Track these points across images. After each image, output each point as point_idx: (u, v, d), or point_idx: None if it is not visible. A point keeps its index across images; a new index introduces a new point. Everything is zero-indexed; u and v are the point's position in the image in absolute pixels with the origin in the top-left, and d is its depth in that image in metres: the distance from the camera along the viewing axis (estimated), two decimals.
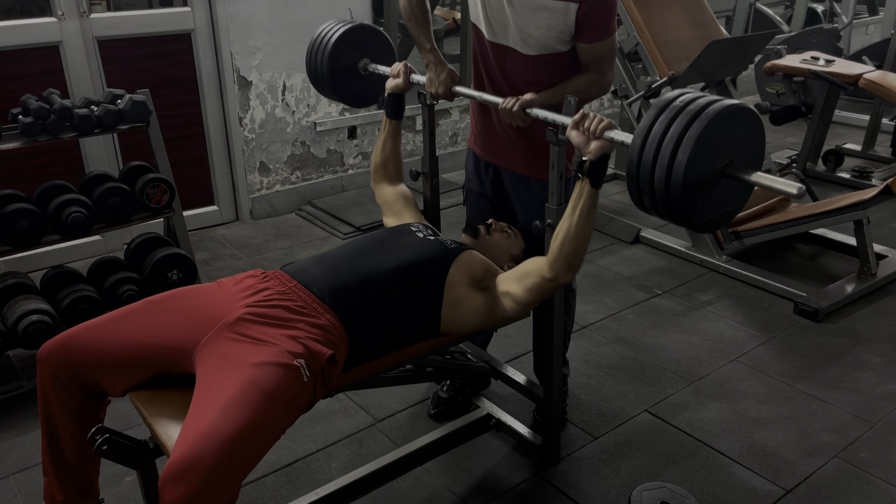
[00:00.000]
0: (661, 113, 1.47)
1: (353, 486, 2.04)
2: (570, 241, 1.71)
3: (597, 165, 1.65)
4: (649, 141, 1.46)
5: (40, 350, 1.64)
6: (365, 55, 2.34)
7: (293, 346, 1.57)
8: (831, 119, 4.47)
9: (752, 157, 1.52)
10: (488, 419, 2.33)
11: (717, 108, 1.42)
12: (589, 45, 1.94)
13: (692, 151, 1.39)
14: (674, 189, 1.42)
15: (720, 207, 1.54)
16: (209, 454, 1.34)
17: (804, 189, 1.38)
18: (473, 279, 1.85)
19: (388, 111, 2.22)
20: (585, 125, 1.65)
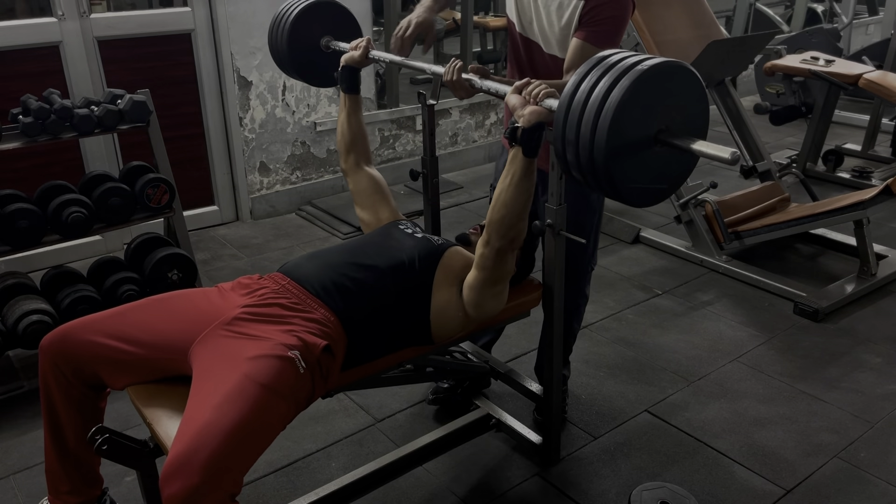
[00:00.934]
0: (591, 70, 1.36)
1: (353, 486, 2.04)
2: (500, 208, 1.68)
3: (529, 133, 1.56)
4: (575, 100, 1.34)
5: (42, 340, 1.67)
6: (328, 33, 2.26)
7: (287, 339, 1.58)
8: (831, 119, 4.47)
9: (692, 123, 1.39)
10: (488, 419, 2.33)
11: (649, 65, 1.30)
12: (579, 43, 1.89)
13: (619, 105, 1.27)
14: (597, 151, 1.30)
15: (654, 178, 1.42)
16: (207, 448, 1.35)
17: (738, 154, 1.28)
18: (455, 276, 1.84)
19: (343, 84, 2.10)
20: (528, 90, 1.58)
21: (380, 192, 2.15)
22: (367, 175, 2.16)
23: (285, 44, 2.23)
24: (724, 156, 1.28)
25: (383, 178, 2.20)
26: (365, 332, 1.75)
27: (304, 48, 2.24)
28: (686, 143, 1.33)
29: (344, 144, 2.17)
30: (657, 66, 1.32)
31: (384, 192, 2.16)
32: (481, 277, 1.78)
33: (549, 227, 1.85)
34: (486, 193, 4.38)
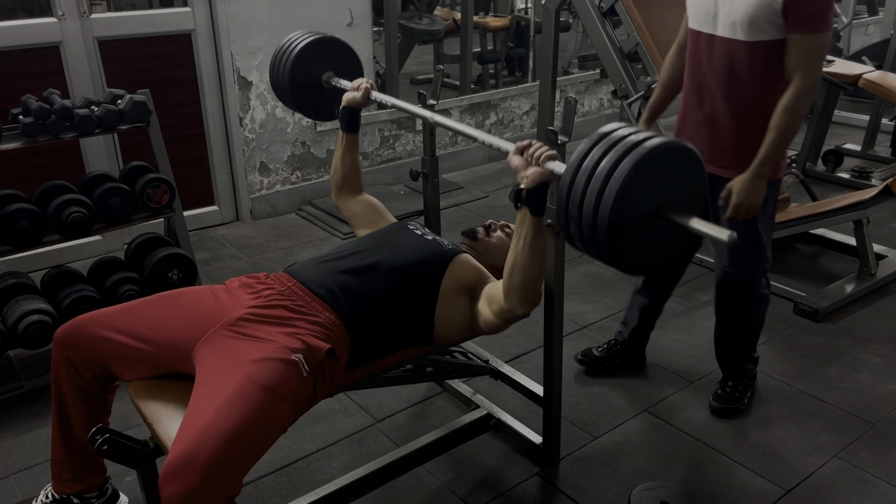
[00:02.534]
0: (596, 144, 1.39)
1: (353, 486, 2.04)
2: (518, 272, 1.66)
3: (534, 193, 1.58)
4: (580, 172, 1.37)
5: (56, 332, 1.72)
6: (330, 69, 2.29)
7: (291, 342, 1.59)
8: (831, 119, 4.47)
9: (690, 199, 1.43)
10: (488, 419, 2.33)
11: (653, 143, 1.33)
12: (798, 37, 1.93)
13: (623, 184, 1.30)
14: (601, 220, 1.33)
15: (652, 250, 1.44)
16: (207, 450, 1.35)
17: (734, 236, 1.30)
18: (466, 286, 1.85)
19: (343, 124, 2.16)
20: (529, 151, 1.59)
21: (373, 210, 2.19)
22: (357, 201, 2.21)
23: (287, 78, 2.26)
24: (722, 238, 1.31)
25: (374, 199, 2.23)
26: (369, 333, 1.75)
27: (305, 83, 2.27)
28: (685, 220, 1.36)
29: (336, 180, 2.21)
30: (661, 146, 1.34)
31: (378, 209, 2.19)
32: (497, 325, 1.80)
33: (549, 227, 1.84)
34: (485, 193, 4.38)
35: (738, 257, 2.25)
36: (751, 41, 2.00)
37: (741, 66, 2.04)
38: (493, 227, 2.12)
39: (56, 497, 1.85)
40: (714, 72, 2.10)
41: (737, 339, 2.42)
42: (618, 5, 3.40)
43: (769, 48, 1.99)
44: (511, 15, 5.62)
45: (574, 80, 5.36)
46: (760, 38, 1.98)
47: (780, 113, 1.99)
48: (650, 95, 3.32)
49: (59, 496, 1.85)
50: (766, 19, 1.94)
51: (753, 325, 2.40)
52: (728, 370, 2.46)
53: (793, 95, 1.97)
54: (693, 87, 2.20)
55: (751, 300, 2.33)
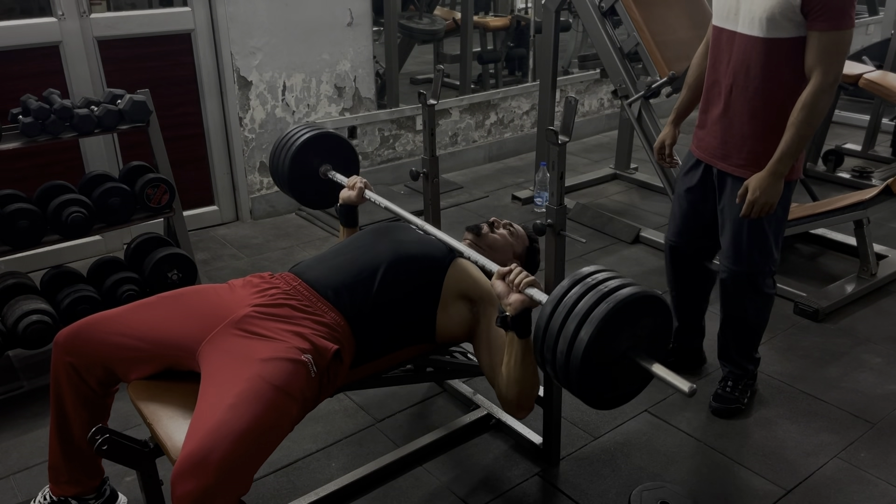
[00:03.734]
0: (575, 286, 1.47)
1: (353, 486, 2.04)
2: (513, 387, 1.70)
3: (519, 319, 1.64)
4: (557, 311, 1.45)
5: (56, 336, 1.72)
6: (328, 160, 2.36)
7: (300, 342, 1.60)
8: (831, 119, 4.47)
9: (654, 344, 1.51)
10: (488, 419, 2.33)
11: (626, 294, 1.42)
12: (818, 34, 1.93)
13: (595, 331, 1.39)
14: (573, 363, 1.42)
15: (619, 388, 1.53)
16: (221, 448, 1.36)
17: (695, 389, 1.38)
18: (464, 294, 1.85)
19: (342, 220, 2.25)
20: (510, 278, 1.64)
21: None
22: None
23: (287, 169, 2.32)
24: (683, 389, 1.38)
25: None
26: (373, 332, 1.76)
27: (303, 173, 2.34)
28: (648, 365, 1.44)
29: None
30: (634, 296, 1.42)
31: None
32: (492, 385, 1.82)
33: (550, 226, 1.85)
34: (485, 193, 4.38)
35: (743, 256, 2.25)
36: (769, 38, 2.00)
37: (759, 63, 2.05)
38: (497, 224, 2.14)
39: (54, 499, 1.85)
40: (732, 68, 2.11)
41: (739, 339, 2.42)
42: (618, 5, 3.40)
43: (787, 45, 1.99)
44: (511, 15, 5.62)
45: (574, 80, 5.36)
46: (779, 35, 1.99)
47: (798, 110, 1.99)
48: (650, 95, 3.34)
49: (56, 498, 1.85)
50: (785, 16, 1.95)
51: (756, 326, 2.40)
52: (729, 370, 2.46)
53: (812, 93, 1.97)
54: (712, 84, 2.21)
55: (755, 300, 2.33)
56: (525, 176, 4.68)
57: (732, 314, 2.38)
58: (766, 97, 2.08)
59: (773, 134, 2.06)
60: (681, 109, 2.44)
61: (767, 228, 2.21)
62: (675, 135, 2.46)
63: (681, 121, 2.46)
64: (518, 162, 4.99)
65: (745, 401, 2.43)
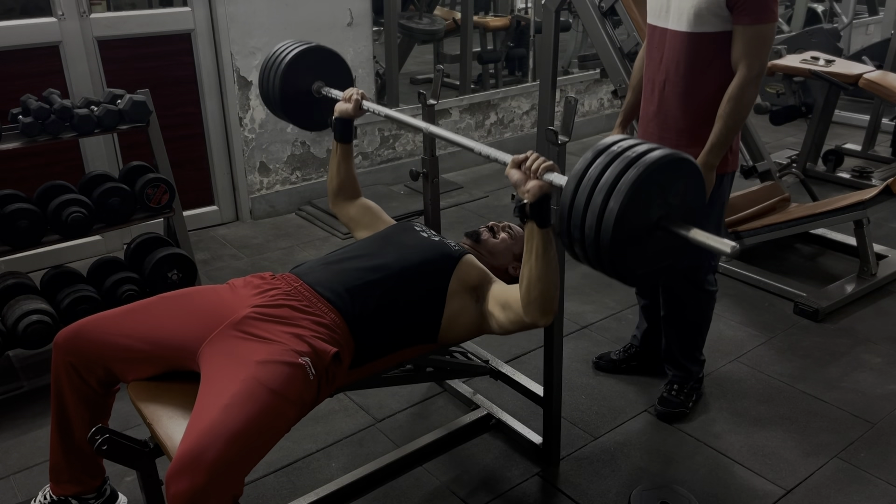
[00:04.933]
0: (598, 157, 1.38)
1: (353, 486, 2.04)
2: (535, 285, 1.63)
3: (538, 207, 1.56)
4: (583, 185, 1.36)
5: (56, 336, 1.72)
6: (320, 78, 2.28)
7: (298, 345, 1.59)
8: (831, 119, 4.47)
9: (689, 210, 1.43)
10: (488, 419, 2.33)
11: (655, 157, 1.33)
12: (742, 28, 1.96)
13: (625, 199, 1.30)
14: (604, 238, 1.33)
15: (653, 261, 1.44)
16: (214, 448, 1.36)
17: (738, 248, 1.30)
18: (471, 287, 1.84)
19: (337, 135, 2.16)
20: (527, 164, 1.57)
21: (370, 213, 2.19)
22: (354, 206, 2.21)
23: (277, 88, 2.25)
24: (724, 249, 1.30)
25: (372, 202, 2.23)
26: (373, 335, 1.76)
27: (295, 93, 2.25)
28: (685, 231, 1.36)
29: (332, 188, 2.22)
30: (663, 158, 1.34)
31: (374, 212, 2.20)
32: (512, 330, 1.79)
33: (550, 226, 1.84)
34: (485, 193, 4.38)
35: None
36: (696, 32, 2.03)
37: (687, 59, 2.07)
38: (496, 228, 2.12)
39: (54, 498, 1.85)
40: (665, 65, 2.14)
41: (682, 339, 2.40)
42: (618, 5, 3.40)
43: (715, 40, 2.02)
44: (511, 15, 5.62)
45: (574, 79, 5.36)
46: (706, 30, 2.02)
47: (725, 102, 2.02)
48: None
49: (57, 497, 1.85)
50: (711, 11, 1.98)
51: (699, 324, 2.39)
52: (673, 373, 2.45)
53: (738, 85, 2.00)
54: (647, 81, 2.23)
55: (695, 296, 2.31)
56: None
57: (673, 312, 2.37)
58: (696, 92, 2.10)
59: (704, 128, 2.08)
60: (627, 111, 2.44)
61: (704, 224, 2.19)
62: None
63: (628, 123, 2.46)
64: None
65: (689, 405, 2.41)
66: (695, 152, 2.09)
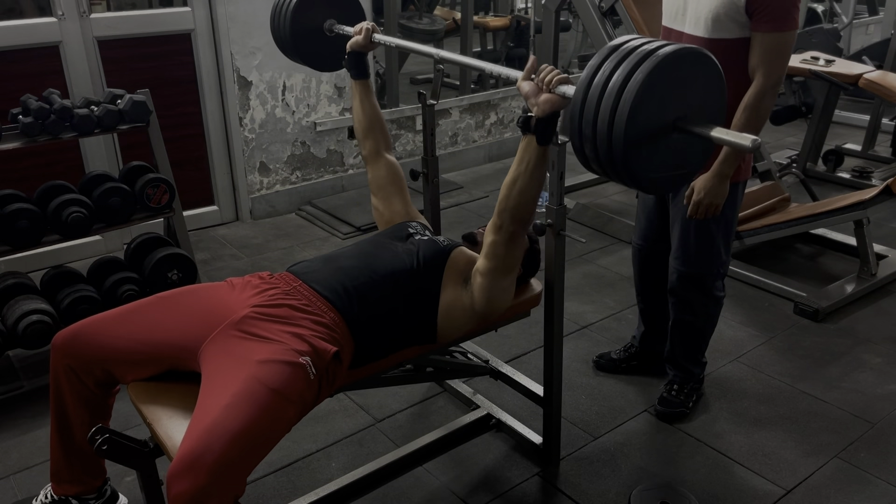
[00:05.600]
0: (612, 53, 1.31)
1: (353, 486, 2.04)
2: (514, 196, 1.64)
3: (545, 123, 1.52)
4: (594, 85, 1.30)
5: (54, 338, 1.71)
6: (331, 16, 2.25)
7: (298, 344, 1.59)
8: (831, 119, 4.47)
9: (710, 110, 1.35)
10: (488, 419, 2.33)
11: (669, 51, 1.26)
12: (761, 35, 1.92)
13: (637, 95, 1.23)
14: (616, 135, 1.26)
15: (670, 166, 1.37)
16: (215, 449, 1.36)
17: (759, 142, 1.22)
18: (459, 273, 1.84)
19: (351, 70, 2.13)
20: (540, 76, 1.51)
21: (395, 183, 2.15)
22: (385, 164, 2.16)
23: (288, 28, 2.22)
24: (745, 143, 1.23)
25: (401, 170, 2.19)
26: (372, 334, 1.76)
27: (307, 32, 2.23)
28: (706, 130, 1.28)
29: (361, 131, 2.16)
30: (677, 52, 1.27)
31: (400, 185, 2.15)
32: (492, 266, 1.76)
33: (549, 227, 1.84)
34: (485, 193, 4.38)
35: (691, 258, 2.23)
36: (713, 38, 1.99)
37: None
38: None
39: (55, 498, 1.85)
40: None
41: (686, 342, 2.40)
42: (618, 5, 3.40)
43: (732, 46, 1.98)
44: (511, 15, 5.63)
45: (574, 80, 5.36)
46: (723, 36, 1.98)
47: (741, 111, 1.99)
48: None
49: (58, 497, 1.85)
50: (730, 17, 1.94)
51: (704, 329, 2.38)
52: (675, 373, 2.44)
53: (754, 94, 1.97)
54: None
55: (703, 302, 2.31)
56: None
57: (681, 317, 2.36)
58: None
59: None
60: None
61: (715, 231, 2.18)
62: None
63: None
64: None
65: (690, 405, 2.41)
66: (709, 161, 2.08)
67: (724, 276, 2.31)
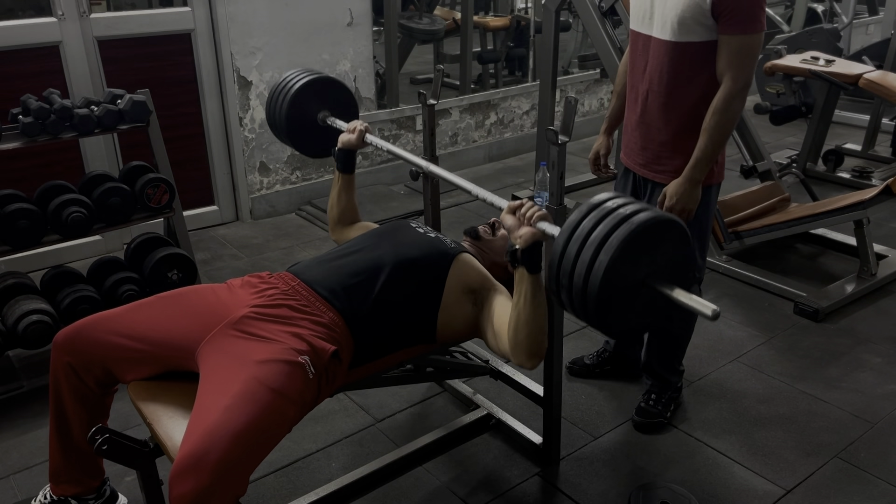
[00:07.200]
0: (591, 211, 1.44)
1: (353, 486, 2.04)
2: (522, 329, 1.65)
3: (529, 253, 1.60)
4: (574, 237, 1.42)
5: (56, 336, 1.72)
6: (326, 107, 2.32)
7: (297, 344, 1.59)
8: (831, 119, 4.47)
9: (674, 271, 1.47)
10: (488, 419, 2.33)
11: (645, 217, 1.38)
12: (728, 38, 1.90)
13: (615, 254, 1.35)
14: (591, 290, 1.38)
15: (636, 317, 1.48)
16: (217, 449, 1.36)
17: (718, 312, 1.32)
18: (469, 287, 1.84)
19: (339, 165, 2.18)
20: (521, 211, 1.61)
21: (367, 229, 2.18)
22: (353, 229, 2.22)
23: (284, 115, 2.28)
24: (706, 312, 1.33)
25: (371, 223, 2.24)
26: (372, 333, 1.76)
27: (301, 120, 2.29)
28: (669, 291, 1.40)
29: (333, 217, 2.24)
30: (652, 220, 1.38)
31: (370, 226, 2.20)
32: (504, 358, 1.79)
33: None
34: None
35: None
36: (680, 42, 1.96)
37: (671, 68, 2.00)
38: (497, 225, 2.12)
39: (54, 498, 1.85)
40: (648, 74, 2.07)
41: (662, 350, 2.37)
42: (618, 5, 3.40)
43: (699, 50, 1.95)
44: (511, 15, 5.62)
45: (574, 79, 5.36)
46: (690, 39, 1.95)
47: (710, 115, 1.96)
48: None
49: (57, 498, 1.85)
50: (696, 20, 1.91)
51: (680, 337, 2.36)
52: (652, 382, 2.42)
53: (723, 98, 1.94)
54: (631, 89, 2.18)
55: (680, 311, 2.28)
56: (525, 176, 4.68)
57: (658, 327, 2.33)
58: (679, 103, 2.04)
59: (688, 140, 2.02)
60: (612, 118, 2.38)
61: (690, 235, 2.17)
62: (608, 144, 2.39)
63: (613, 130, 2.40)
64: (518, 162, 4.99)
65: (667, 414, 2.38)
66: (677, 164, 2.06)
67: (700, 280, 2.29)
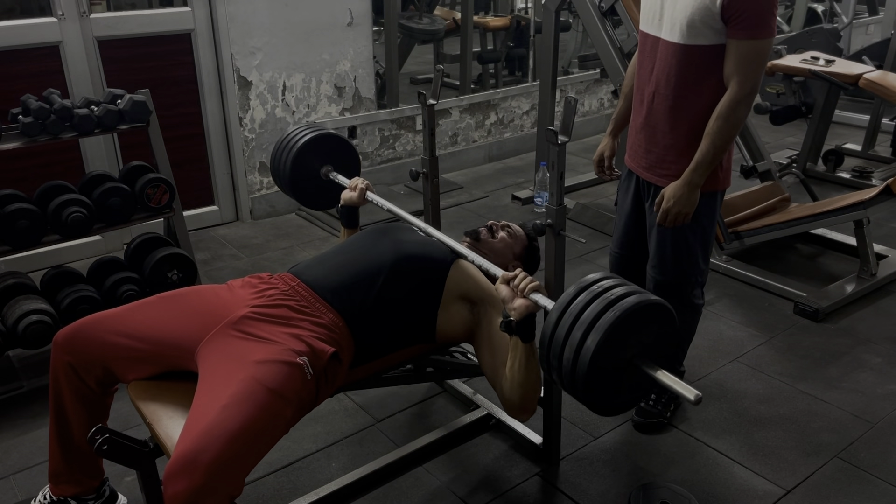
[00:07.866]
0: (582, 292, 1.48)
1: (353, 486, 2.04)
2: (516, 389, 1.69)
3: (524, 323, 1.64)
4: (565, 317, 1.46)
5: (56, 336, 1.72)
6: (329, 162, 2.36)
7: (296, 345, 1.59)
8: (831, 119, 4.47)
9: (660, 351, 1.50)
10: (488, 419, 2.33)
11: (632, 302, 1.42)
12: (737, 43, 1.88)
13: (601, 339, 1.39)
14: (579, 371, 1.42)
15: (623, 394, 1.52)
16: (212, 449, 1.36)
17: (700, 397, 1.36)
18: (465, 295, 1.84)
19: (343, 221, 2.25)
20: (515, 282, 1.64)
21: None
22: None
23: (289, 170, 2.32)
24: (689, 397, 1.37)
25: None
26: (372, 332, 1.76)
27: (305, 174, 2.35)
28: (653, 371, 1.44)
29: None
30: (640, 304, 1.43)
31: None
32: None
33: (549, 227, 1.84)
34: (486, 193, 4.38)
35: (668, 266, 2.19)
36: (689, 44, 1.94)
37: (679, 71, 1.99)
38: (496, 227, 2.13)
39: (54, 499, 1.85)
40: (655, 76, 2.06)
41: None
42: (618, 5, 3.41)
43: (707, 53, 1.94)
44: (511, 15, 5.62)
45: (574, 79, 5.36)
46: (699, 42, 1.93)
47: (714, 120, 1.95)
48: None
49: (56, 498, 1.85)
50: (705, 23, 1.89)
51: (680, 338, 2.36)
52: None
53: (727, 103, 1.92)
54: (637, 90, 2.16)
55: (680, 311, 2.24)
56: (525, 176, 4.68)
57: None
58: (686, 106, 2.02)
59: (693, 144, 2.01)
60: (618, 120, 2.37)
61: (692, 240, 2.15)
62: (613, 146, 2.38)
63: (619, 132, 2.39)
64: (518, 162, 4.99)
65: (667, 414, 2.38)
66: (681, 168, 2.04)
67: (702, 284, 2.28)
